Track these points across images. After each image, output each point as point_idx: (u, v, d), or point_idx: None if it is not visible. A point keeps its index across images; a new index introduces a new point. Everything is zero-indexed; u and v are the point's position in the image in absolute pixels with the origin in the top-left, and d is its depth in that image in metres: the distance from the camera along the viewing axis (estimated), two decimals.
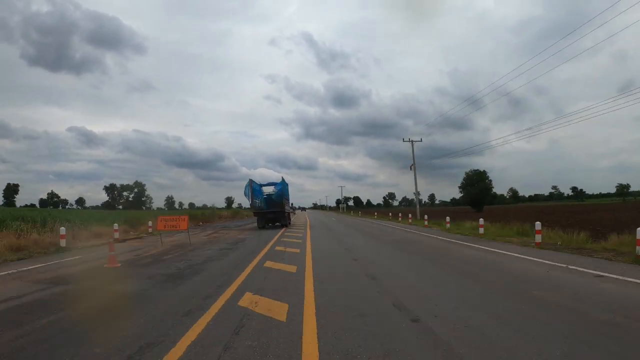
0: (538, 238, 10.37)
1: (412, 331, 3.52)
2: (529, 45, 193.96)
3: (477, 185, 69.06)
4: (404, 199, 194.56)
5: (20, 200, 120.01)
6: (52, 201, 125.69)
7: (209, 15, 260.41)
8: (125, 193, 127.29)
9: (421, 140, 35.73)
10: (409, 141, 34.71)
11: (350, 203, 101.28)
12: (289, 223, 25.37)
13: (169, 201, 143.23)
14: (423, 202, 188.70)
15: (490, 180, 71.31)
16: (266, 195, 22.76)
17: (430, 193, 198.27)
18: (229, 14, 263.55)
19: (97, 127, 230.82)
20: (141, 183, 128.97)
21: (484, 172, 71.20)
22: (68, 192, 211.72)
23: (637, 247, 7.55)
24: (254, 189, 21.27)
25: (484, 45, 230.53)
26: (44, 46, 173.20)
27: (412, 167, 34.25)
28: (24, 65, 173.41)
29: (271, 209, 22.24)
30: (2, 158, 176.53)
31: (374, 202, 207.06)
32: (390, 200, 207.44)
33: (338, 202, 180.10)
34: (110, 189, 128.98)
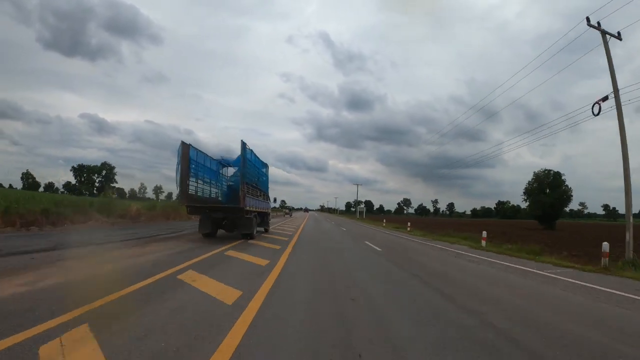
0: None
1: None
2: (547, 59, 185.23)
3: (550, 193, 43.97)
4: (420, 207, 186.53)
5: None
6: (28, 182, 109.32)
7: (227, 11, 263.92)
8: (94, 176, 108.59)
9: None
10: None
11: (361, 207, 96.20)
12: (267, 230, 17.21)
13: (141, 190, 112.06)
14: (441, 212, 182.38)
15: (568, 187, 44.87)
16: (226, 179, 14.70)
17: (449, 202, 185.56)
18: (247, 10, 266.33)
19: (110, 116, 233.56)
20: (110, 165, 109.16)
21: (559, 175, 44.96)
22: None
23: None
24: (193, 160, 11.88)
25: (501, 55, 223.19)
26: (60, 31, 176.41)
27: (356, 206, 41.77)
28: (39, 48, 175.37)
29: (227, 203, 13.44)
30: (15, 140, 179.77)
31: (387, 208, 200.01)
32: (405, 207, 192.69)
33: (348, 205, 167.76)
34: (78, 170, 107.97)
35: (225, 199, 14.26)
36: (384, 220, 44.23)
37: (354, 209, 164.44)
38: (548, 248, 14.55)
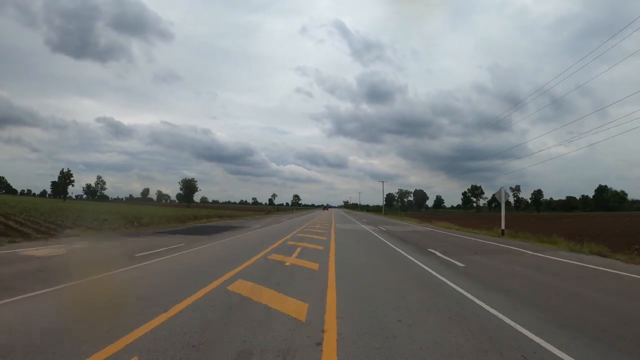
0: None
1: None
2: (569, 44, 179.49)
3: None
4: (494, 198, 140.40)
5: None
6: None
7: (241, 8, 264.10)
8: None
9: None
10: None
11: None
12: None
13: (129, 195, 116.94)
14: (514, 205, 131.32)
15: None
16: None
17: (537, 189, 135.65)
18: (261, 7, 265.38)
19: (125, 118, 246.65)
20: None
21: None
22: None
23: None
24: None
25: (521, 42, 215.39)
26: (68, 32, 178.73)
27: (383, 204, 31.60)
28: (48, 52, 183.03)
29: None
30: (33, 147, 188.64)
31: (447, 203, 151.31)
32: (475, 199, 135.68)
33: (390, 198, 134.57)
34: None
35: None
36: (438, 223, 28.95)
37: (397, 203, 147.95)
38: None
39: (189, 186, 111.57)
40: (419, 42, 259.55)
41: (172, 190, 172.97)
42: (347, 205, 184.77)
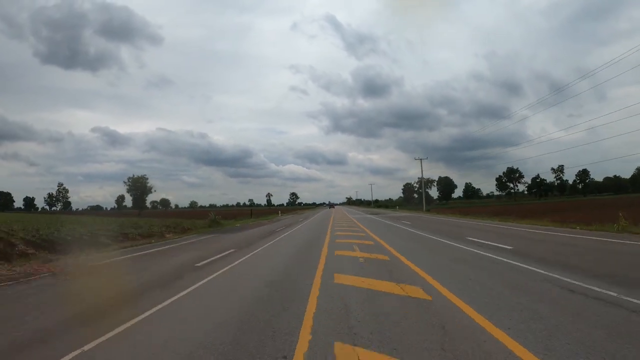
0: None
1: None
2: (561, 28, 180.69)
3: None
4: (536, 183, 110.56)
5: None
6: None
7: (231, 9, 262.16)
8: None
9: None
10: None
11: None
12: None
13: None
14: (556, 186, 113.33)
15: None
16: None
17: (582, 168, 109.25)
18: (251, 8, 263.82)
19: (121, 127, 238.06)
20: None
21: None
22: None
23: None
24: None
25: (515, 29, 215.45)
26: (56, 42, 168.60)
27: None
28: (37, 63, 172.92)
29: None
30: (31, 161, 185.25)
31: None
32: (512, 184, 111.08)
33: (408, 190, 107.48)
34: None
35: None
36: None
37: (418, 195, 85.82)
38: None
39: (138, 187, 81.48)
40: (413, 33, 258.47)
41: (172, 198, 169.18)
42: (350, 202, 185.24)
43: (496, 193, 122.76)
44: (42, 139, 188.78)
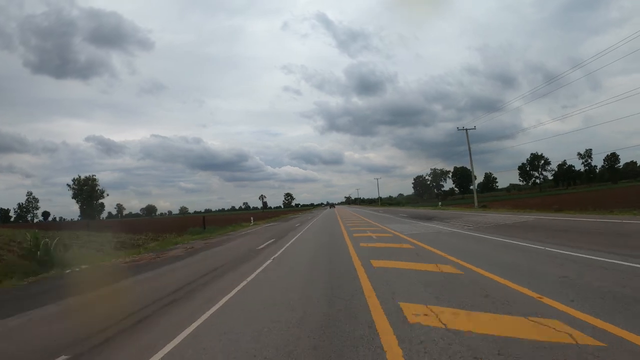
0: None
1: None
2: (552, 19, 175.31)
3: None
4: (564, 171, 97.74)
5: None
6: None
7: (221, 13, 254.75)
8: None
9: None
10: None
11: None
12: None
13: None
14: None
15: None
16: None
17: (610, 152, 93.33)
18: (241, 10, 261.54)
19: (115, 135, 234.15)
20: None
21: None
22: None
23: None
24: None
25: (507, 20, 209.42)
26: (46, 51, 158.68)
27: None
28: (28, 73, 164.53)
29: None
30: (26, 173, 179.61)
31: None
32: (536, 173, 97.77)
33: (421, 184, 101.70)
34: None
35: None
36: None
37: (439, 191, 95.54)
38: None
39: (85, 190, 65.64)
40: (405, 28, 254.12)
41: (170, 204, 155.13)
42: (349, 201, 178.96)
43: (515, 184, 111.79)
44: (35, 150, 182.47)
